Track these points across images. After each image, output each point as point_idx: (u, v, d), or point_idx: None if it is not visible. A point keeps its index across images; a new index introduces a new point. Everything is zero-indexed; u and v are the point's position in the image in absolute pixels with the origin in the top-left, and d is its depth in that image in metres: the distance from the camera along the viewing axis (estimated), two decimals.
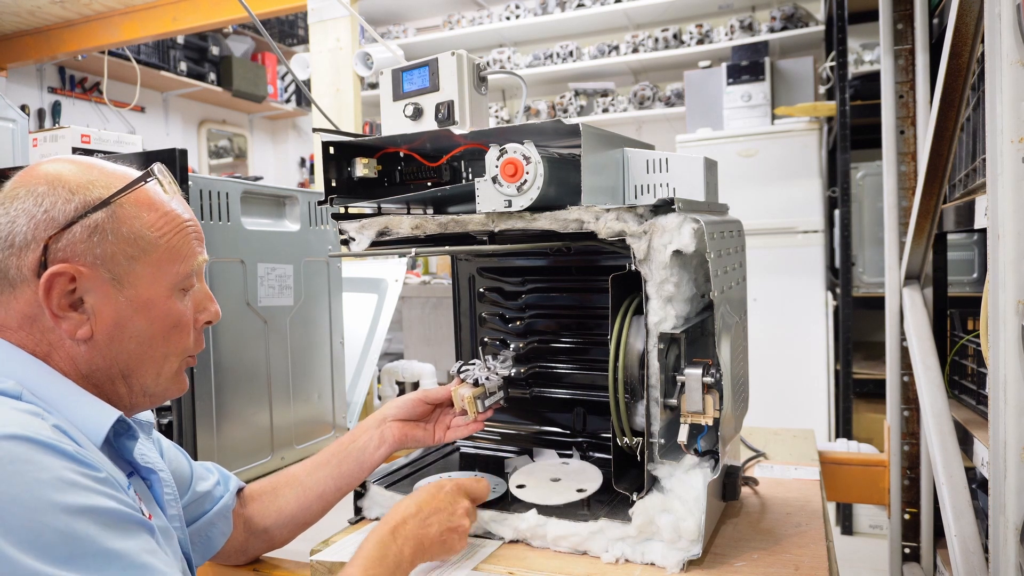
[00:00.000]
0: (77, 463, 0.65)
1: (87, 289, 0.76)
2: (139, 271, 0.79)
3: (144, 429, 0.94)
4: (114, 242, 0.77)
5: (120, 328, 0.78)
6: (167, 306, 0.81)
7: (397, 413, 1.14)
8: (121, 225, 0.78)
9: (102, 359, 0.79)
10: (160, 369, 0.83)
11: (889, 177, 2.11)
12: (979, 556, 1.26)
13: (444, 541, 0.95)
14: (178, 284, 0.82)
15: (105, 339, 0.78)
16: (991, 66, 0.93)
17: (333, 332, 1.64)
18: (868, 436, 3.12)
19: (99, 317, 0.77)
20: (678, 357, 1.01)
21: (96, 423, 0.75)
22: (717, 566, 0.98)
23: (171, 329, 0.82)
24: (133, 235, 0.78)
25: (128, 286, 0.78)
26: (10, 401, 0.69)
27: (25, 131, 1.68)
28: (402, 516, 0.93)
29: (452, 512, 0.97)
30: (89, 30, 3.48)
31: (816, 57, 4.13)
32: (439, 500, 0.97)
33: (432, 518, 0.95)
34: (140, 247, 0.79)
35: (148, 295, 0.79)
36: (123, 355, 0.80)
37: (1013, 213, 0.91)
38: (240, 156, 6.01)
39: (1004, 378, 0.92)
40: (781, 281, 3.55)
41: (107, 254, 0.77)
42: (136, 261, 0.78)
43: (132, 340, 0.79)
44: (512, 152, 0.96)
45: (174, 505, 0.89)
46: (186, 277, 0.83)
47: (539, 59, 5.13)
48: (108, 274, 0.77)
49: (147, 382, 0.82)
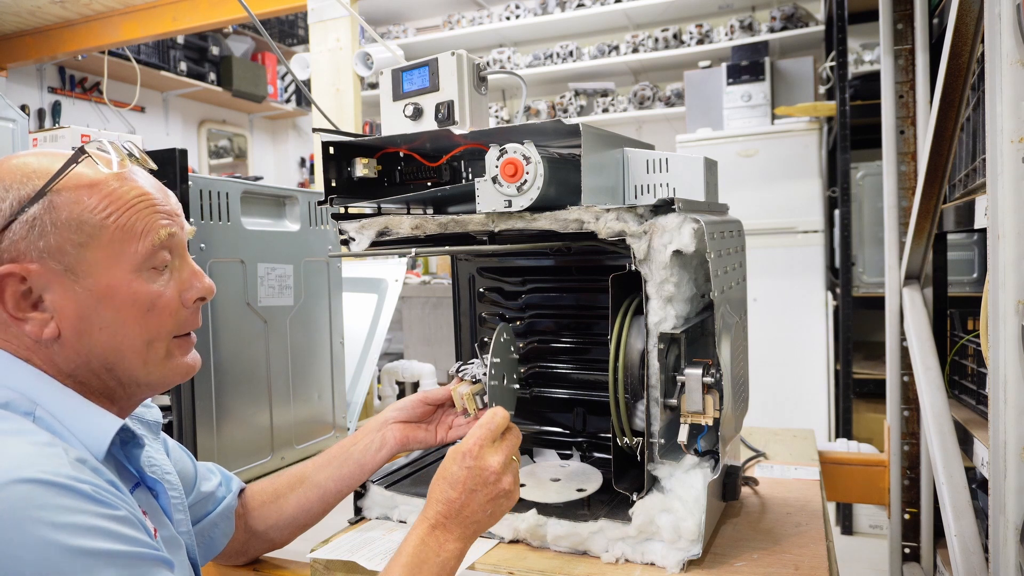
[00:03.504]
0: (95, 503, 0.63)
1: (43, 286, 0.73)
2: (91, 257, 0.74)
3: (152, 429, 0.94)
4: (56, 232, 0.73)
5: (86, 321, 0.75)
6: (132, 289, 0.76)
7: (398, 415, 1.14)
8: (60, 213, 0.73)
9: (79, 356, 0.76)
10: (146, 357, 0.78)
11: (889, 177, 2.11)
12: (979, 556, 1.26)
13: (492, 512, 0.88)
14: (142, 264, 0.77)
15: (74, 335, 0.75)
16: (991, 66, 0.93)
17: (333, 332, 1.64)
18: (868, 436, 3.12)
19: (62, 313, 0.74)
20: (678, 357, 1.01)
21: (98, 435, 0.73)
22: (717, 566, 0.98)
23: (144, 313, 0.77)
24: (75, 221, 0.73)
25: (83, 275, 0.74)
26: (25, 429, 0.67)
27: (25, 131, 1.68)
28: (441, 511, 0.86)
29: (488, 479, 0.87)
30: (89, 30, 3.47)
31: (816, 57, 4.13)
32: (472, 472, 0.87)
33: (470, 497, 0.87)
34: (86, 232, 0.74)
35: (108, 281, 0.75)
36: (99, 348, 0.76)
37: (1013, 213, 0.91)
38: (240, 156, 6.01)
39: (1004, 378, 0.92)
40: (781, 281, 3.55)
41: (52, 246, 0.73)
42: (85, 248, 0.74)
43: (103, 331, 0.75)
44: (512, 152, 0.96)
45: (181, 510, 0.88)
46: (150, 255, 0.77)
47: (539, 59, 5.13)
48: (59, 266, 0.73)
49: (135, 372, 0.79)
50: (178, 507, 0.87)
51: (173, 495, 0.87)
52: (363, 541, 1.08)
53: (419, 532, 0.85)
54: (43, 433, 0.68)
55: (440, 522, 0.86)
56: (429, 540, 0.85)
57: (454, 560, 0.85)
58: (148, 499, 0.81)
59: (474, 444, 0.89)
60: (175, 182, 1.24)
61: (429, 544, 0.84)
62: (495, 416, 0.92)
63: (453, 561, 0.85)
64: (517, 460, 0.93)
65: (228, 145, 5.92)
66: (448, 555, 0.84)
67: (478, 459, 0.88)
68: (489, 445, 0.89)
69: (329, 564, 1.03)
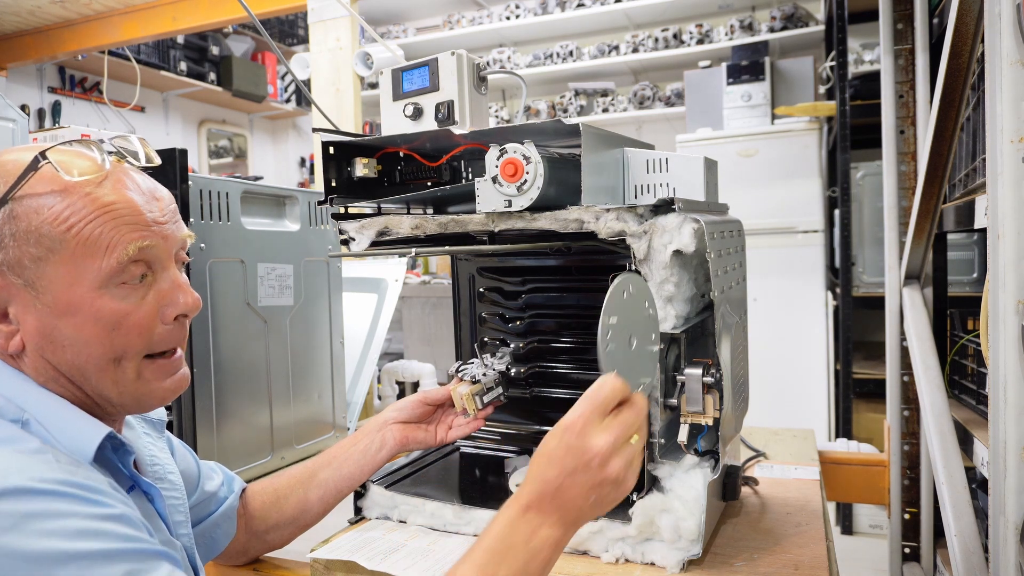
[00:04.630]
0: (86, 503, 0.62)
1: (6, 299, 0.71)
2: (51, 273, 0.69)
3: (156, 428, 0.93)
4: (15, 244, 0.69)
5: (47, 337, 0.71)
6: (96, 307, 0.71)
7: (398, 416, 1.14)
8: (19, 224, 0.69)
9: (48, 370, 0.73)
10: (114, 376, 0.74)
11: (889, 177, 2.11)
12: (979, 556, 1.26)
13: (597, 501, 0.74)
14: (107, 280, 0.71)
15: (36, 349, 0.72)
16: (991, 66, 0.93)
17: (333, 332, 1.64)
18: (868, 436, 3.12)
19: (24, 328, 0.71)
20: (678, 357, 1.01)
21: (84, 442, 0.71)
22: (717, 566, 0.98)
23: (110, 331, 0.72)
24: (34, 234, 0.69)
25: (43, 291, 0.70)
26: (14, 436, 0.66)
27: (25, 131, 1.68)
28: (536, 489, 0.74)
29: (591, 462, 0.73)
30: (89, 30, 3.47)
31: (816, 57, 4.13)
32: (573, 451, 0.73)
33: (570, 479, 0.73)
34: (45, 246, 0.69)
35: (68, 298, 0.70)
36: (64, 363, 0.72)
37: (1013, 213, 0.91)
38: (240, 156, 6.01)
39: (1004, 378, 0.92)
40: (781, 281, 3.55)
41: (12, 259, 0.69)
42: (44, 262, 0.69)
43: (66, 348, 0.71)
44: (512, 152, 0.96)
45: (181, 511, 0.87)
46: (115, 272, 0.71)
47: (539, 59, 5.13)
48: (20, 280, 0.70)
49: (106, 392, 0.74)
50: (178, 508, 0.87)
51: (174, 496, 0.87)
52: (363, 541, 1.08)
53: (510, 513, 0.74)
54: (32, 440, 0.67)
55: (534, 503, 0.73)
56: (520, 523, 0.73)
57: (548, 550, 0.73)
58: (143, 503, 0.80)
59: (578, 418, 0.74)
60: (175, 182, 1.24)
61: (519, 527, 0.73)
62: (603, 386, 0.75)
63: (547, 551, 0.73)
64: (639, 440, 0.77)
65: (228, 145, 5.92)
66: (541, 542, 0.72)
67: (581, 436, 0.73)
68: (597, 421, 0.74)
69: (329, 564, 1.03)
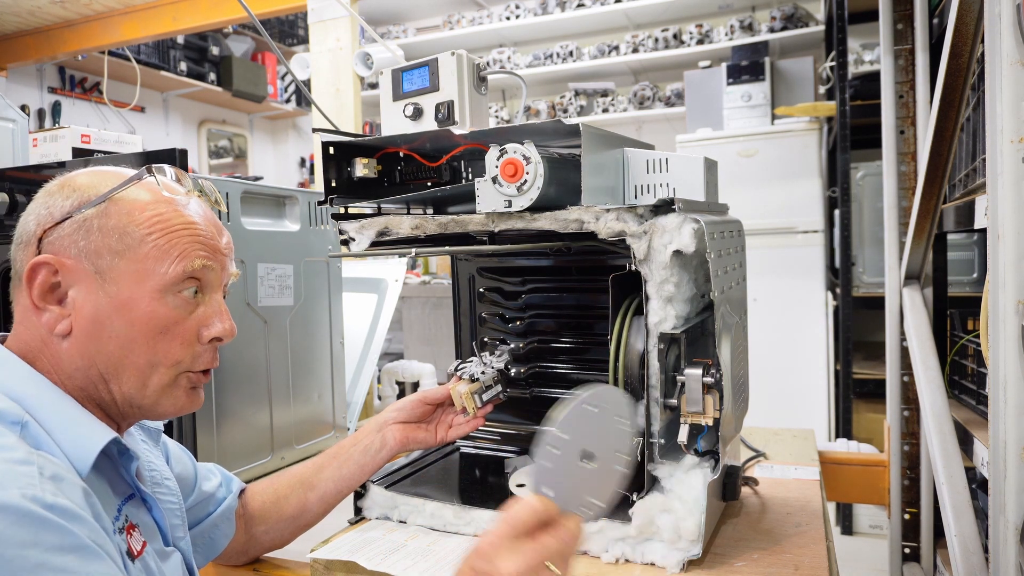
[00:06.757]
0: (52, 531, 0.62)
1: (71, 283, 0.76)
2: (122, 267, 0.76)
3: (152, 436, 0.94)
4: (99, 237, 0.76)
5: (98, 325, 0.76)
6: (151, 308, 0.77)
7: (398, 416, 1.14)
8: (109, 220, 0.77)
9: (83, 359, 0.77)
10: (146, 379, 0.78)
11: (889, 177, 2.11)
12: (979, 556, 1.26)
13: None
14: (167, 287, 0.78)
15: (84, 336, 0.76)
16: (991, 66, 0.93)
17: (333, 332, 1.64)
18: (868, 436, 3.12)
19: (79, 312, 0.76)
20: (678, 357, 1.01)
21: (86, 447, 0.72)
22: (717, 566, 0.98)
23: (157, 334, 0.78)
24: (119, 231, 0.77)
25: (110, 282, 0.76)
26: (5, 444, 0.66)
27: (25, 131, 1.68)
28: None
29: None
30: (89, 30, 3.47)
31: (816, 57, 4.13)
32: None
33: None
34: (126, 243, 0.76)
35: (130, 294, 0.76)
36: (102, 356, 0.77)
37: (1013, 213, 0.91)
38: (240, 156, 6.01)
39: (1004, 378, 0.92)
40: (781, 281, 3.55)
41: (92, 248, 0.76)
42: (120, 257, 0.76)
43: (111, 340, 0.76)
44: (512, 152, 0.96)
45: (178, 515, 0.88)
46: (177, 280, 0.78)
47: (539, 59, 5.13)
48: (91, 267, 0.76)
49: (130, 391, 0.78)
50: (175, 512, 0.87)
51: (170, 500, 0.87)
52: (363, 541, 1.08)
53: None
54: (20, 449, 0.66)
55: None
56: None
57: None
58: (140, 512, 0.80)
59: (487, 543, 0.69)
60: None
61: None
62: (521, 506, 0.70)
63: None
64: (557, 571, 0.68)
65: (228, 145, 5.92)
66: None
67: (487, 560, 0.68)
68: (507, 544, 0.68)
69: (329, 564, 1.03)
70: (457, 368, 1.22)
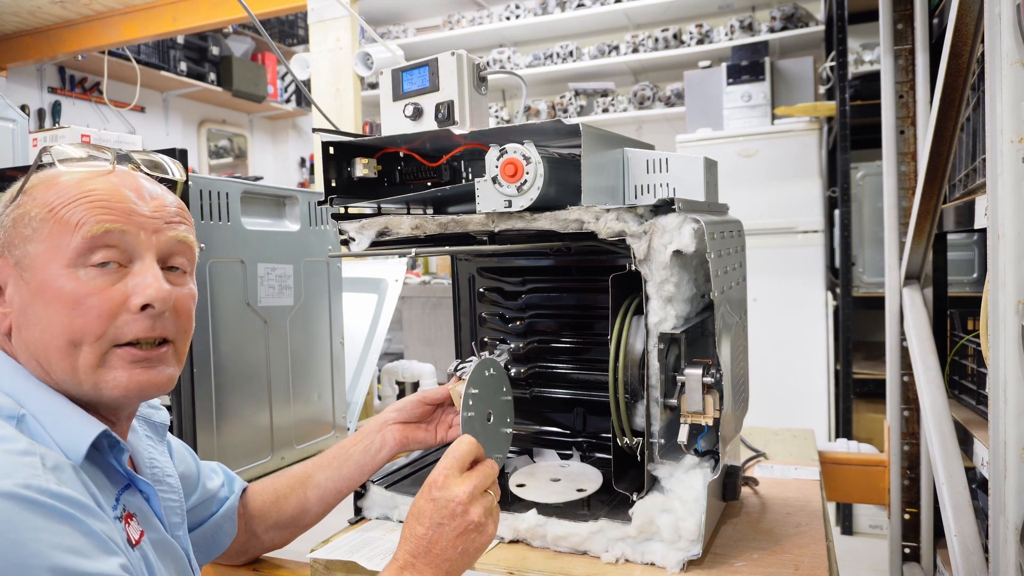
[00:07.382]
0: (62, 520, 0.62)
1: (4, 280, 0.76)
2: (33, 251, 0.74)
3: (157, 431, 0.93)
4: (13, 227, 0.76)
5: (25, 315, 0.75)
6: (59, 284, 0.73)
7: (398, 416, 1.14)
8: (20, 210, 0.76)
9: (25, 352, 0.75)
10: (73, 361, 0.74)
11: (889, 177, 2.11)
12: (979, 556, 1.26)
13: (465, 549, 0.83)
14: (75, 260, 0.73)
15: (18, 330, 0.75)
16: (991, 66, 0.93)
17: (333, 332, 1.64)
18: (868, 436, 3.12)
19: (13, 307, 0.76)
20: (678, 357, 1.01)
21: (77, 441, 0.72)
22: (717, 566, 0.98)
23: (70, 310, 0.73)
24: (26, 215, 0.76)
25: (27, 269, 0.75)
26: (6, 436, 0.67)
27: (25, 131, 1.68)
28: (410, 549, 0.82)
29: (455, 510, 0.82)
30: (89, 30, 3.47)
31: (816, 57, 4.13)
32: (437, 504, 0.83)
33: (437, 532, 0.82)
34: (32, 226, 0.75)
35: (42, 276, 0.74)
36: (33, 344, 0.75)
37: (1013, 213, 0.91)
38: (240, 156, 6.01)
39: (1004, 378, 0.92)
40: (781, 281, 3.55)
41: (10, 241, 0.76)
42: (30, 241, 0.75)
43: (36, 327, 0.74)
44: (512, 152, 0.96)
45: (178, 513, 0.88)
46: (83, 251, 0.74)
47: (539, 59, 5.13)
48: (12, 259, 0.76)
49: (63, 376, 0.74)
50: (175, 511, 0.87)
51: (171, 498, 0.87)
52: (363, 541, 1.08)
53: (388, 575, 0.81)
54: (21, 440, 0.66)
55: (409, 561, 0.81)
56: None
57: None
58: (138, 502, 0.80)
59: (438, 474, 0.85)
60: None
61: None
62: (460, 444, 0.88)
63: None
64: (493, 494, 0.87)
65: (228, 145, 5.92)
66: None
67: (443, 488, 0.83)
68: (456, 474, 0.85)
69: (329, 564, 1.03)
70: (457, 368, 1.22)
